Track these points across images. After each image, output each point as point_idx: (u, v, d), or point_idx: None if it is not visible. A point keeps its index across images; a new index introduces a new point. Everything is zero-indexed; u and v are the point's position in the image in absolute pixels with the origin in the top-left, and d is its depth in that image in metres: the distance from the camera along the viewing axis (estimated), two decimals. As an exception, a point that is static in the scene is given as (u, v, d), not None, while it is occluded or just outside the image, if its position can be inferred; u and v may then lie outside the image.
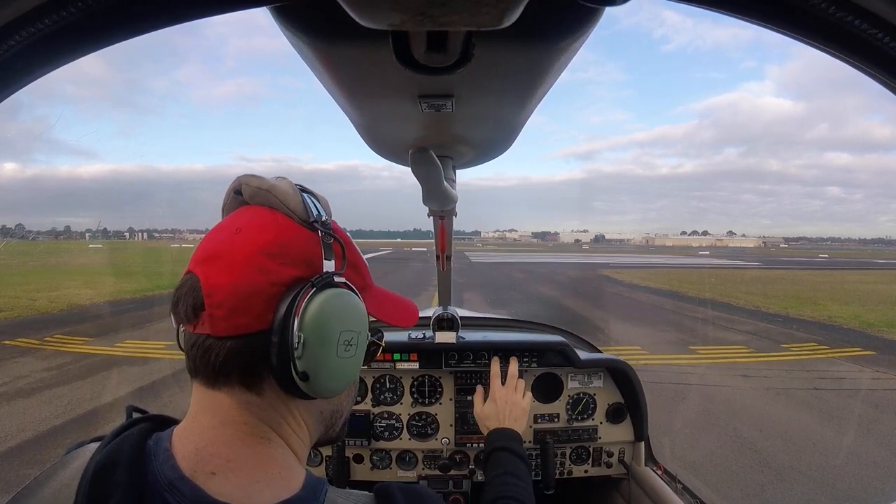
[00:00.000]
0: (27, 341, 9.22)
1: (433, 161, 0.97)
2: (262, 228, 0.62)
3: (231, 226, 0.64)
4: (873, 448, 5.17)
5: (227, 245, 0.61)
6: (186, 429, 0.61)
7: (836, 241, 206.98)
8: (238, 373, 0.60)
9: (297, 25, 0.51)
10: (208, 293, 0.59)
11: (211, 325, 0.58)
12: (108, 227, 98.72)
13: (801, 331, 11.64)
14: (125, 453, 0.56)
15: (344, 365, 0.64)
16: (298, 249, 0.62)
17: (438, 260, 1.88)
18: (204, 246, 0.64)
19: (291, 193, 0.65)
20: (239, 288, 0.58)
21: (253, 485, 0.57)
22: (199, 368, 0.61)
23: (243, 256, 0.60)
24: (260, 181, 0.65)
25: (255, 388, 0.61)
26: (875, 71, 0.46)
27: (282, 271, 0.60)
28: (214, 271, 0.60)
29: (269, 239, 0.61)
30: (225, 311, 0.58)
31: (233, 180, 0.69)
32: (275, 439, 0.62)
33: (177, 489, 0.54)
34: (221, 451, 0.58)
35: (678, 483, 1.89)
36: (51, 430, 5.22)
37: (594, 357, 2.07)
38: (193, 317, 0.60)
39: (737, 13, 0.46)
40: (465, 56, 0.51)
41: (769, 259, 54.73)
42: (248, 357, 0.59)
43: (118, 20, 0.44)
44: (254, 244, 0.60)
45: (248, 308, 0.58)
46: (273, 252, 0.61)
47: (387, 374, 2.02)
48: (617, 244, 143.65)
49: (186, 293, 0.61)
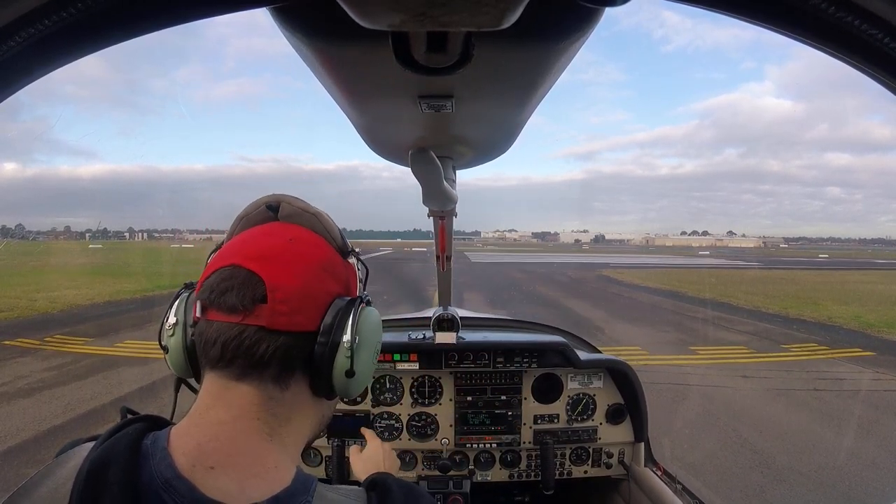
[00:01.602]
0: (27, 341, 9.22)
1: (433, 161, 0.97)
2: (317, 245, 0.70)
3: (282, 235, 0.69)
4: (873, 448, 5.17)
5: (284, 251, 0.67)
6: (191, 424, 0.62)
7: (836, 241, 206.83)
8: (276, 367, 0.63)
9: (297, 26, 0.51)
10: (272, 288, 0.62)
11: (269, 319, 0.62)
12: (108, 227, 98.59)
13: (801, 331, 11.64)
14: (119, 453, 0.56)
15: (371, 371, 0.74)
16: (341, 270, 0.72)
17: (438, 260, 1.88)
18: (251, 246, 0.67)
19: (333, 224, 0.74)
20: (304, 290, 0.65)
21: (248, 479, 0.58)
22: (235, 358, 0.62)
23: (306, 264, 0.67)
24: (305, 204, 0.73)
25: (283, 383, 0.65)
26: (875, 71, 0.46)
27: (332, 285, 0.69)
28: (277, 270, 0.64)
29: (324, 255, 0.70)
30: (288, 308, 0.63)
31: (265, 194, 0.75)
32: (276, 436, 0.64)
33: (173, 488, 0.54)
34: (224, 445, 0.59)
35: (678, 484, 1.89)
36: (51, 429, 5.23)
37: (594, 357, 2.07)
38: (250, 307, 0.62)
39: (737, 13, 0.46)
40: (465, 56, 0.51)
41: (769, 259, 54.71)
42: (292, 353, 0.64)
43: (118, 20, 0.44)
44: (314, 256, 0.68)
45: (307, 309, 0.65)
46: (327, 267, 0.69)
47: (387, 374, 2.02)
48: (617, 244, 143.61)
49: (240, 284, 0.63)
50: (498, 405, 2.03)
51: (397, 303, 12.88)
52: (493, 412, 2.03)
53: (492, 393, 2.03)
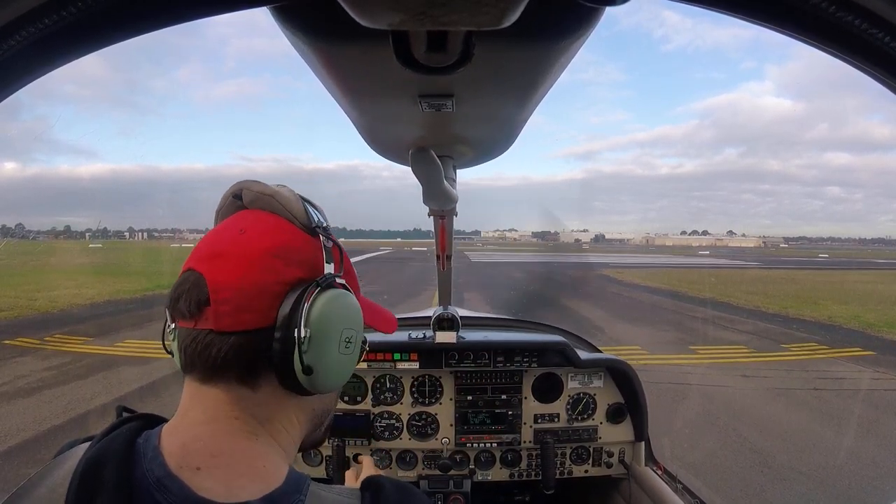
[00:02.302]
0: (27, 341, 9.22)
1: (433, 161, 0.97)
2: (268, 230, 0.65)
3: (234, 226, 0.65)
4: (873, 448, 5.17)
5: (232, 244, 0.63)
6: (175, 425, 0.62)
7: (836, 240, 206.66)
8: (237, 368, 0.61)
9: (297, 25, 0.51)
10: (214, 289, 0.60)
11: (215, 321, 0.60)
12: (108, 226, 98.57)
13: (801, 331, 11.63)
14: (114, 452, 0.56)
15: (344, 361, 0.66)
16: (302, 251, 0.65)
17: (439, 260, 1.88)
18: (206, 244, 0.65)
19: (293, 199, 0.68)
20: (246, 285, 0.60)
21: (236, 479, 0.58)
22: (196, 364, 0.62)
23: (251, 255, 0.62)
24: (262, 186, 0.68)
25: (251, 383, 0.62)
26: (875, 71, 0.46)
27: (287, 271, 0.63)
28: (220, 268, 0.61)
29: (275, 240, 0.64)
30: (231, 307, 0.60)
31: (232, 185, 0.70)
32: (262, 435, 0.63)
33: (165, 487, 0.54)
34: (207, 446, 0.59)
35: (678, 483, 1.89)
36: (51, 429, 5.23)
37: (594, 357, 2.07)
38: (197, 312, 0.61)
39: (737, 13, 0.46)
40: (465, 56, 0.51)
41: (769, 259, 54.69)
42: (249, 353, 0.61)
43: (118, 20, 0.44)
44: (261, 244, 0.63)
45: (254, 305, 0.60)
46: (279, 252, 0.63)
47: (387, 373, 2.02)
48: (617, 244, 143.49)
49: (189, 289, 0.62)
50: (498, 404, 2.03)
51: (398, 302, 12.89)
52: (494, 412, 2.03)
53: (492, 392, 2.03)
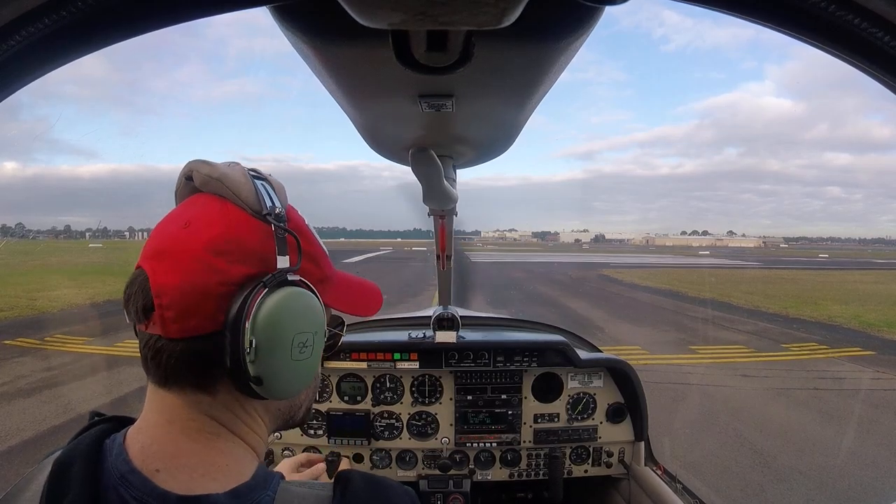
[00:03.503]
0: (27, 341, 9.21)
1: (433, 161, 0.97)
2: (212, 222, 0.59)
3: (180, 218, 0.61)
4: (873, 448, 5.17)
5: (174, 241, 0.59)
6: (137, 427, 0.62)
7: (836, 241, 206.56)
8: (190, 374, 0.59)
9: (297, 25, 0.51)
10: (157, 293, 0.57)
11: (162, 327, 0.57)
12: (108, 226, 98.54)
13: (801, 331, 11.63)
14: (80, 451, 0.58)
15: (299, 367, 0.62)
16: (250, 244, 0.60)
17: (438, 259, 1.88)
18: (153, 239, 0.62)
19: (243, 182, 0.61)
20: (187, 288, 0.56)
21: (197, 480, 0.58)
22: (150, 368, 0.60)
23: (191, 254, 0.57)
24: (210, 168, 0.62)
25: (208, 388, 0.60)
26: (875, 71, 0.46)
27: (232, 269, 0.58)
28: (162, 270, 0.58)
29: (218, 234, 0.59)
30: (174, 313, 0.56)
31: (185, 163, 0.65)
32: (224, 434, 0.62)
33: (128, 482, 0.56)
34: (166, 448, 0.59)
35: (678, 483, 1.89)
36: (51, 429, 5.23)
37: (594, 357, 2.07)
38: (144, 317, 0.59)
39: (737, 13, 0.46)
40: (465, 56, 0.51)
41: (769, 259, 54.66)
42: (200, 359, 0.58)
43: (118, 20, 0.44)
44: (201, 240, 0.58)
45: (199, 309, 0.57)
46: (222, 249, 0.58)
47: (387, 373, 2.02)
48: (617, 244, 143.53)
49: (136, 292, 0.60)
50: (498, 404, 2.03)
51: (397, 302, 12.89)
52: (494, 411, 2.03)
53: (492, 392, 2.03)
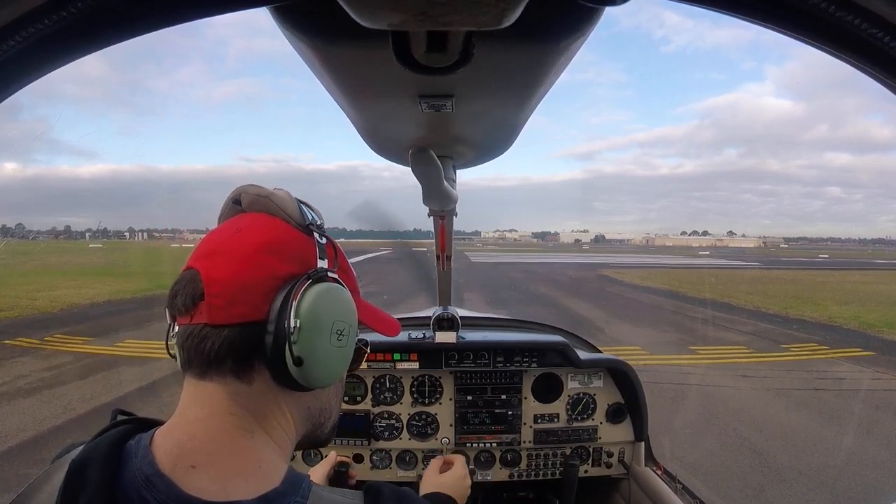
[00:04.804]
0: (28, 341, 9.22)
1: (433, 161, 0.97)
2: (262, 229, 0.67)
3: (231, 227, 0.68)
4: (873, 448, 5.17)
5: (227, 242, 0.65)
6: (171, 425, 0.62)
7: (836, 241, 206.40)
8: (231, 362, 0.62)
9: (297, 25, 0.51)
10: (208, 283, 0.62)
11: (209, 314, 0.61)
12: (108, 226, 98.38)
13: (801, 331, 11.63)
14: (99, 453, 0.57)
15: (336, 354, 0.67)
16: (294, 249, 0.67)
17: (438, 260, 1.88)
18: (204, 244, 0.67)
19: (289, 200, 0.70)
20: (238, 279, 0.62)
21: (231, 479, 0.58)
22: (193, 359, 0.63)
23: (243, 252, 0.64)
24: (259, 189, 0.70)
25: (246, 377, 0.63)
26: (875, 71, 0.46)
27: (279, 267, 0.64)
28: (214, 265, 0.63)
29: (268, 238, 0.66)
30: (223, 301, 0.61)
31: (233, 189, 0.72)
32: (258, 433, 0.63)
33: (153, 485, 0.55)
34: (204, 444, 0.60)
35: (678, 483, 1.89)
36: (51, 429, 5.23)
37: (594, 357, 2.07)
38: (192, 306, 0.62)
39: (737, 13, 0.46)
40: (465, 56, 0.51)
41: (769, 259, 54.65)
42: (242, 346, 0.62)
43: (118, 20, 0.44)
44: (253, 242, 0.65)
45: (246, 298, 0.62)
46: (271, 250, 0.65)
47: (387, 373, 2.02)
48: (617, 244, 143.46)
49: (186, 285, 0.64)
50: (498, 405, 2.03)
51: (398, 302, 12.89)
52: (494, 412, 2.03)
53: (492, 392, 2.03)
